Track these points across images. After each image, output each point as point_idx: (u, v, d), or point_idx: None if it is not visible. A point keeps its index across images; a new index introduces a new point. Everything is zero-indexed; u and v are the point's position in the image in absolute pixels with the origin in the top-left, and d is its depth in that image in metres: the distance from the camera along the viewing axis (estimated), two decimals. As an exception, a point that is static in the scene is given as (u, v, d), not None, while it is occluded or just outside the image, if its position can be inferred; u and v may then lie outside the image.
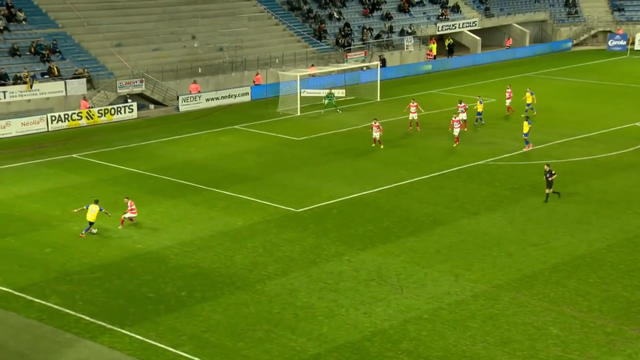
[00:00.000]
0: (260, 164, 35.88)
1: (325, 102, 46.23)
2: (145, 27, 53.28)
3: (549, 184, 29.59)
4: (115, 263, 25.08)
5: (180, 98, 47.53)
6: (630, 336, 20.07)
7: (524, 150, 36.60)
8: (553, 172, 29.59)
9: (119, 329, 20.73)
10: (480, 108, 41.89)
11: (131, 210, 28.15)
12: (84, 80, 45.87)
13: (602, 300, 21.98)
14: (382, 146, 37.49)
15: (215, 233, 27.47)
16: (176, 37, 53.54)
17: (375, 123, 37.78)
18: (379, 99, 48.95)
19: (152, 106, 48.27)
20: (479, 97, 43.03)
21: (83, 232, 27.27)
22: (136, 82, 47.06)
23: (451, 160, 35.56)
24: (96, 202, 27.45)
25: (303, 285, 23.24)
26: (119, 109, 45.20)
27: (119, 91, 46.47)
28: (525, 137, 36.63)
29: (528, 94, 42.84)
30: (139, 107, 46.51)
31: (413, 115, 40.74)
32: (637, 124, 41.34)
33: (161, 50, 51.73)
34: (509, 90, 44.01)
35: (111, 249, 26.25)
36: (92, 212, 27.11)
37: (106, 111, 44.72)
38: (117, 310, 21.81)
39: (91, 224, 27.23)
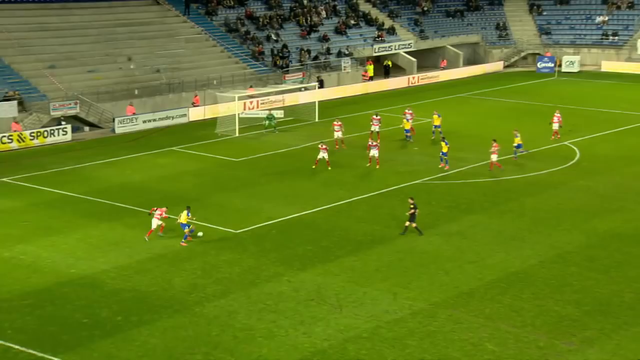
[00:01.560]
0: (199, 186, 35.62)
1: (266, 124, 46.36)
2: (80, 48, 52.48)
3: (412, 217, 28.75)
4: (48, 289, 24.43)
5: (116, 120, 46.86)
6: (562, 350, 20.62)
7: (441, 166, 37.45)
8: (412, 207, 28.72)
9: (51, 357, 20.13)
10: (407, 125, 43.06)
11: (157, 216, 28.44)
12: (15, 102, 44.71)
13: (535, 315, 22.52)
14: (329, 167, 37.59)
15: (153, 256, 27.08)
16: (112, 58, 52.88)
17: (322, 146, 37.93)
18: (317, 120, 49.31)
19: (87, 128, 47.42)
20: (405, 115, 44.15)
21: (185, 237, 27.99)
22: (70, 104, 46.19)
23: (389, 180, 36.02)
24: (188, 207, 28.38)
25: (242, 306, 23.10)
26: (52, 132, 44.24)
27: (52, 113, 45.51)
28: (445, 157, 37.50)
29: (435, 116, 43.83)
30: (74, 130, 45.63)
31: (337, 134, 41.43)
32: (565, 143, 42.75)
33: (96, 72, 51.00)
34: (410, 112, 44.95)
35: (44, 274, 25.57)
36: (181, 216, 28.12)
37: (39, 134, 43.72)
38: (49, 338, 21.21)
39: (186, 225, 27.95)
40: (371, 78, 62.77)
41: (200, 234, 28.48)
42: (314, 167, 37.71)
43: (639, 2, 72.91)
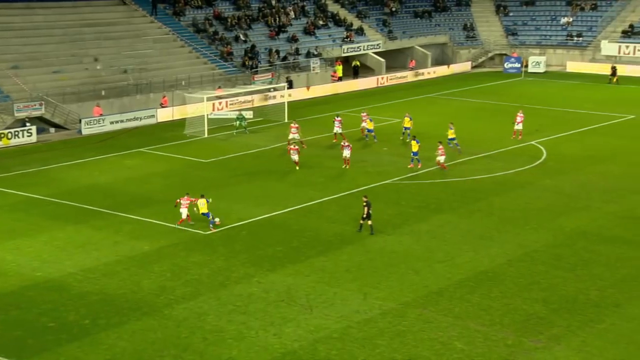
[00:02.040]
0: (168, 187, 35.33)
1: (237, 124, 46.17)
2: (44, 49, 51.74)
3: (367, 215, 28.87)
4: (13, 293, 24.00)
5: (82, 121, 46.29)
6: (529, 347, 20.83)
7: (411, 166, 37.66)
8: (365, 204, 28.95)
9: (17, 362, 19.84)
10: (370, 125, 43.44)
11: (185, 205, 29.28)
12: (-23, 103, 44.06)
13: (503, 313, 22.71)
14: (297, 167, 37.56)
15: (121, 258, 26.79)
16: (77, 59, 52.23)
17: (294, 146, 37.80)
18: (286, 120, 49.23)
19: (52, 130, 46.78)
20: (367, 114, 44.60)
21: (210, 225, 29.20)
22: (35, 105, 45.49)
23: (359, 180, 36.09)
24: (202, 196, 29.54)
25: (212, 308, 22.96)
26: (16, 133, 43.54)
27: (16, 114, 44.79)
28: (416, 156, 37.71)
29: (407, 118, 44.03)
30: (39, 131, 44.98)
31: (294, 136, 41.37)
32: (532, 142, 43.25)
33: (62, 72, 50.32)
34: (364, 113, 45.13)
35: (8, 278, 25.13)
36: (202, 205, 29.10)
37: (2, 135, 42.99)
38: (14, 343, 20.84)
39: (209, 213, 29.07)
40: (340, 78, 62.88)
41: (216, 219, 29.56)
42: (297, 168, 37.51)
43: (601, 4, 74.14)
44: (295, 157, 37.60)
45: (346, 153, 37.87)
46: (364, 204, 29.12)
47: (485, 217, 31.17)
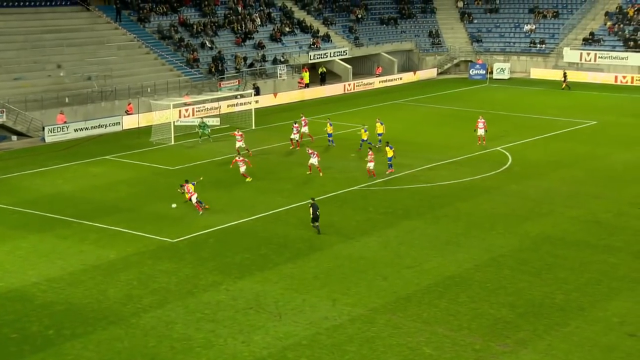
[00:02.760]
0: (134, 195, 34.97)
1: (200, 132, 45.89)
2: (5, 55, 50.96)
3: (315, 218, 29.22)
4: (-25, 304, 23.55)
5: (46, 129, 45.62)
6: (497, 351, 21.00)
7: (387, 172, 37.80)
8: (309, 206, 29.43)
9: (-21, 375, 19.43)
10: (330, 130, 43.74)
11: (191, 194, 31.36)
12: (-63, 111, 43.15)
13: (470, 318, 22.87)
14: (249, 179, 36.83)
15: (87, 267, 26.41)
16: (40, 66, 51.50)
17: (238, 158, 37.28)
18: (254, 127, 49.12)
19: (14, 137, 46.03)
20: (328, 120, 44.82)
21: (201, 208, 31.49)
22: (-4, 112, 44.84)
23: (326, 187, 36.11)
24: (186, 181, 32.07)
25: (180, 316, 22.74)
26: (-22, 141, 42.79)
27: (-23, 122, 44.08)
28: (389, 162, 37.86)
29: (378, 124, 44.18)
30: (0, 139, 44.22)
31: (239, 144, 41.16)
32: (498, 148, 43.74)
33: (23, 79, 49.54)
34: (303, 118, 45.33)
35: (-30, 289, 24.63)
36: (189, 190, 31.58)
37: (-36, 143, 42.21)
38: (-22, 355, 20.43)
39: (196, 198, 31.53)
40: (307, 85, 62.97)
41: (174, 205, 31.68)
42: (248, 180, 37.11)
43: (563, 12, 75.45)
44: (242, 169, 36.55)
45: (313, 160, 37.76)
46: (309, 206, 29.17)
47: (452, 223, 31.40)
